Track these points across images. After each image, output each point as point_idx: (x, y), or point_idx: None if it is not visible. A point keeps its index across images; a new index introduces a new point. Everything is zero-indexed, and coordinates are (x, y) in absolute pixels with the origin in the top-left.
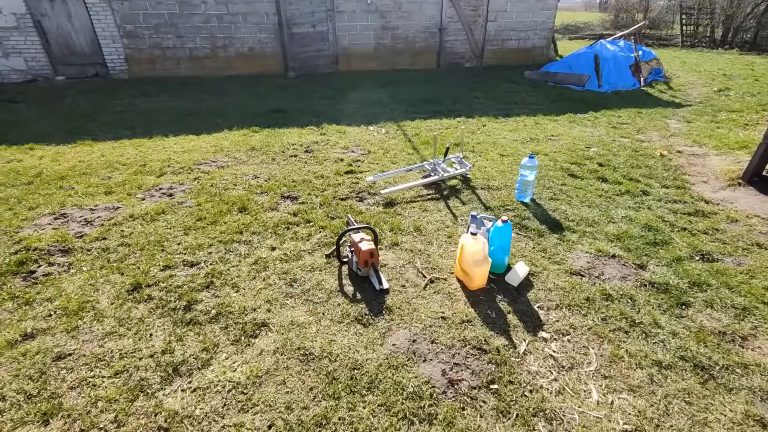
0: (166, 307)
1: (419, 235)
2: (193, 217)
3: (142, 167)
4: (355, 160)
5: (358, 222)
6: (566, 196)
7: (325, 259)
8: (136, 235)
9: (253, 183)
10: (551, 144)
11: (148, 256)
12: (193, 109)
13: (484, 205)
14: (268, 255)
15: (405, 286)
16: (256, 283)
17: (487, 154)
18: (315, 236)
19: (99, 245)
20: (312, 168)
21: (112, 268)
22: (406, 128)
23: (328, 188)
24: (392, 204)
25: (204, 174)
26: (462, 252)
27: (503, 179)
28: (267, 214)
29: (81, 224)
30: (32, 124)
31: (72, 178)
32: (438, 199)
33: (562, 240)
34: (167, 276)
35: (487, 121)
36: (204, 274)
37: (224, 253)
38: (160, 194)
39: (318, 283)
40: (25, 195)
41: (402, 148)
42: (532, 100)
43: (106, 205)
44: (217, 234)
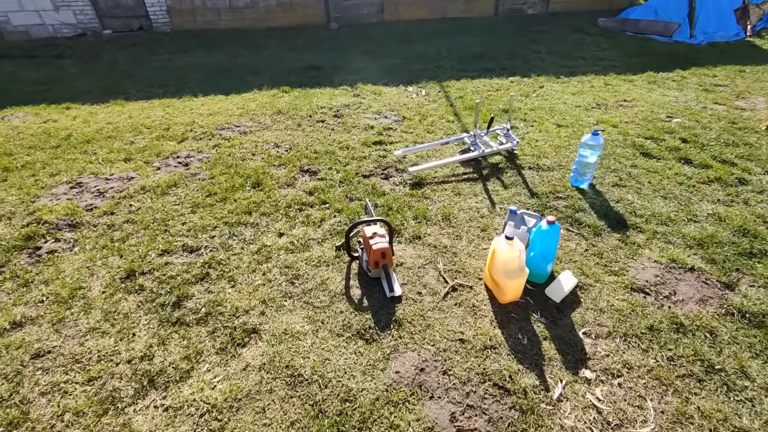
0: (155, 301)
1: (447, 227)
2: (203, 192)
3: (165, 131)
4: (387, 128)
5: (376, 210)
6: (635, 183)
7: (334, 252)
8: (143, 210)
9: (272, 153)
10: (622, 112)
11: (150, 237)
12: (227, 66)
13: (529, 190)
14: (274, 242)
15: (421, 293)
16: (255, 278)
17: (540, 123)
18: (328, 221)
19: (106, 221)
20: (338, 136)
21: (113, 249)
22: (450, 89)
23: (351, 162)
24: (421, 184)
25: (224, 141)
26: (493, 258)
27: (557, 157)
28: (281, 191)
29: (94, 195)
30: (74, 81)
31: (97, 142)
32: (475, 179)
33: (625, 242)
34: (163, 263)
35: (545, 81)
36: (201, 263)
37: (228, 238)
38: (177, 163)
39: (322, 282)
40: (50, 160)
41: (442, 114)
42: (603, 55)
43: (122, 175)
44: (224, 213)
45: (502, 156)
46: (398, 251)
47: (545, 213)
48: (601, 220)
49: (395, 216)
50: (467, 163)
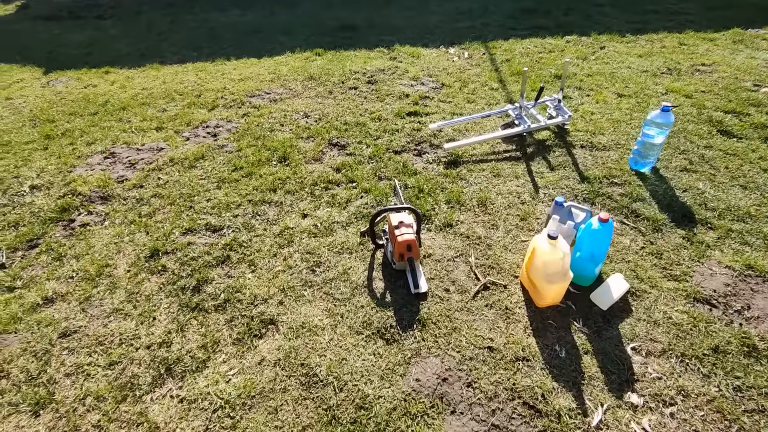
0: (176, 284)
1: (483, 213)
2: (229, 166)
3: (197, 98)
4: (423, 96)
5: (405, 192)
6: (709, 167)
7: (359, 238)
8: (170, 184)
9: (301, 123)
10: (699, 79)
11: (176, 213)
12: (261, 25)
13: (580, 173)
14: (297, 224)
15: (449, 290)
16: (276, 263)
17: (598, 92)
18: (355, 202)
19: (135, 194)
20: (371, 105)
21: (140, 225)
22: (496, 51)
23: (383, 135)
24: (456, 163)
25: (254, 109)
26: (533, 257)
27: (615, 134)
28: (308, 166)
29: (125, 166)
30: (114, 43)
31: (132, 109)
32: (518, 159)
33: (690, 240)
34: (186, 243)
35: (607, 40)
36: (223, 245)
37: (251, 217)
38: (205, 133)
39: (344, 272)
40: (88, 127)
41: (485, 80)
42: (680, 8)
43: (152, 145)
44: (249, 190)
45: (550, 131)
46: (427, 240)
47: (597, 204)
48: (663, 213)
49: (426, 199)
50: (510, 139)
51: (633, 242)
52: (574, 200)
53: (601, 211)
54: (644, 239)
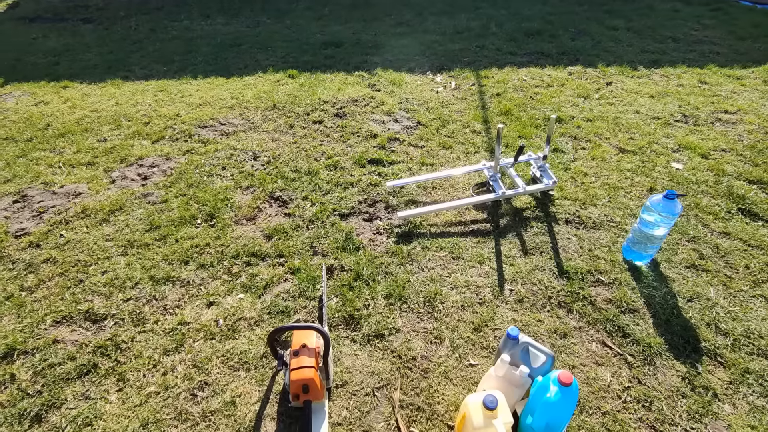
0: (17, 405)
1: (428, 317)
2: (145, 224)
3: (144, 126)
4: (393, 137)
5: (338, 277)
6: (725, 265)
7: (264, 347)
8: (71, 245)
9: (246, 168)
10: (720, 131)
11: (61, 289)
12: (241, 38)
13: (558, 264)
14: (197, 317)
15: None
16: (151, 379)
17: (596, 145)
18: (274, 288)
19: (27, 256)
20: (330, 147)
21: (15, 303)
22: (487, 82)
23: (334, 189)
24: (411, 236)
25: (200, 145)
26: (464, 422)
27: (611, 205)
28: (237, 229)
29: (32, 215)
30: (85, 52)
31: (71, 136)
32: (487, 233)
33: (691, 383)
34: (51, 340)
35: (616, 73)
36: (95, 345)
37: (146, 302)
38: (136, 175)
39: (232, 401)
40: (15, 158)
41: (468, 120)
42: (704, 36)
43: (71, 188)
44: (157, 260)
45: (531, 198)
46: (348, 355)
47: (574, 312)
48: (659, 334)
49: (361, 291)
50: (481, 207)
51: (615, 378)
52: (546, 303)
53: (562, 369)
54: (630, 374)
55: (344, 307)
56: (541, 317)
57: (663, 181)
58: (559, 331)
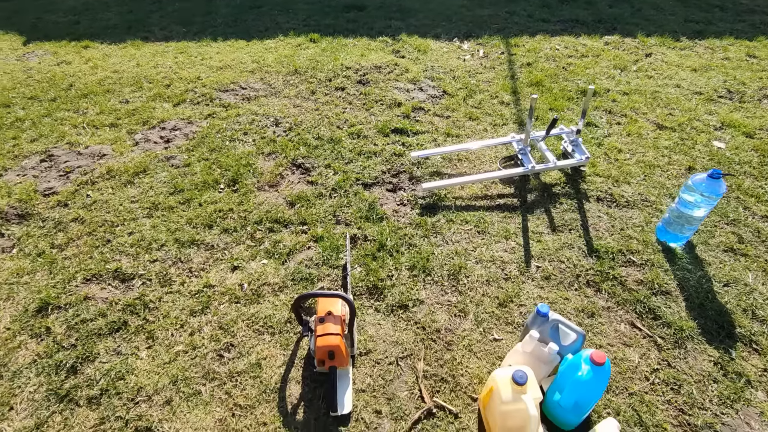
0: (53, 357)
1: (452, 291)
2: (169, 187)
3: (166, 88)
4: (418, 107)
5: (362, 247)
6: (766, 251)
7: (288, 313)
8: (97, 206)
9: (267, 133)
10: (767, 108)
11: (89, 248)
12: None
13: (588, 242)
14: (221, 281)
15: (381, 413)
16: (179, 338)
17: (632, 120)
18: (298, 255)
19: (56, 215)
20: (353, 115)
21: (47, 259)
22: (517, 51)
23: (356, 159)
24: (435, 208)
25: (221, 109)
26: (491, 398)
27: (646, 184)
28: (259, 195)
29: (59, 175)
30: (105, 11)
31: (94, 97)
32: (514, 209)
33: (724, 369)
34: (83, 297)
35: (657, 44)
36: (125, 304)
37: (171, 264)
38: (158, 137)
39: (257, 363)
40: (41, 118)
41: (496, 90)
42: (755, 4)
43: (95, 149)
44: (181, 224)
45: (561, 174)
46: (372, 325)
47: (603, 292)
48: (691, 318)
49: (385, 261)
50: (509, 181)
51: (643, 360)
52: (574, 281)
53: (594, 349)
54: (659, 357)
55: (368, 276)
56: (568, 295)
57: (703, 160)
58: (586, 310)
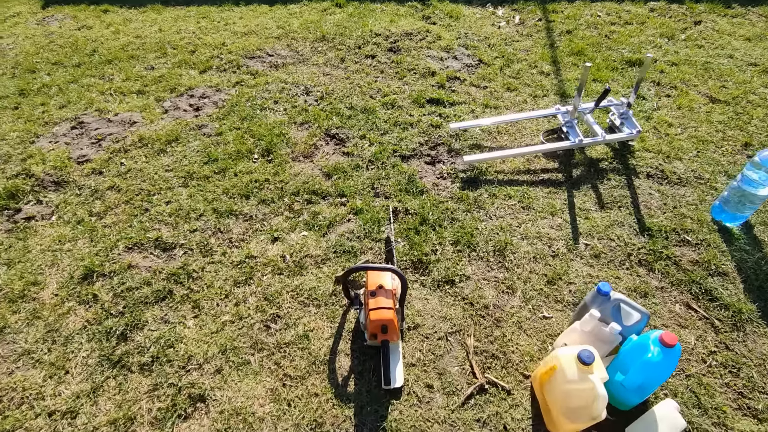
0: (102, 324)
1: (498, 267)
2: (203, 156)
3: (190, 55)
4: (453, 76)
5: (403, 221)
6: None
7: (332, 285)
8: (132, 174)
9: (299, 102)
10: None
11: (128, 216)
12: None
13: (639, 220)
14: (262, 252)
15: (432, 388)
16: (225, 308)
17: (682, 93)
18: (339, 228)
19: (92, 182)
20: (386, 84)
21: (87, 227)
22: (556, 18)
23: (392, 129)
24: (477, 182)
25: (249, 76)
26: (552, 376)
27: (699, 161)
28: (295, 165)
29: (91, 142)
30: None
31: (118, 63)
32: (559, 184)
33: None
34: (127, 265)
35: (706, 11)
36: (168, 273)
37: (211, 234)
38: (188, 105)
39: (305, 335)
40: (67, 84)
41: (535, 59)
42: None
43: (125, 116)
44: (218, 194)
45: (609, 147)
46: (418, 299)
47: (656, 272)
48: (750, 300)
49: (428, 235)
50: (553, 155)
51: (700, 342)
52: (625, 260)
53: (681, 332)
54: (717, 339)
55: (411, 251)
56: (620, 274)
57: (760, 136)
58: (639, 290)
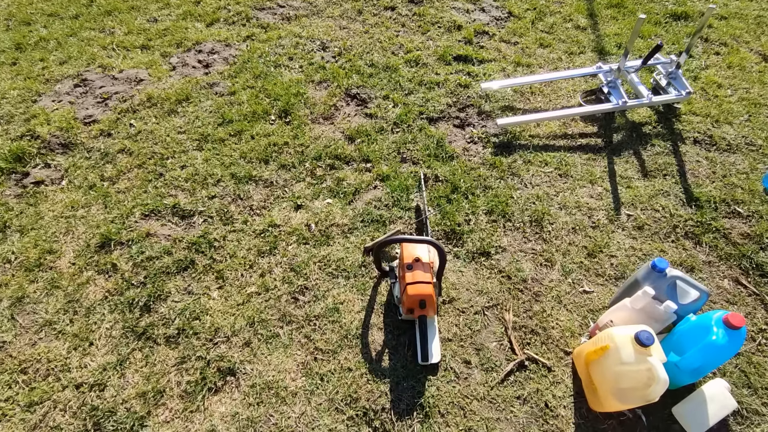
0: (124, 294)
1: (536, 238)
2: (216, 117)
3: (195, 5)
4: (481, 30)
5: (434, 188)
6: None
7: (361, 256)
8: (143, 136)
9: (315, 59)
10: None
11: (142, 181)
12: None
13: (686, 189)
14: (286, 220)
15: (470, 363)
16: (250, 279)
17: (733, 50)
18: (365, 195)
19: (101, 145)
20: (408, 39)
21: (99, 192)
22: None
23: (417, 89)
24: (510, 147)
25: (260, 30)
26: (603, 355)
27: (751, 125)
28: (314, 128)
29: (96, 102)
30: None
31: (119, 15)
32: (599, 150)
33: None
34: (145, 233)
35: None
36: (189, 242)
37: (231, 201)
38: (196, 62)
39: (335, 307)
40: (65, 38)
41: (570, 12)
42: None
43: (131, 73)
44: (235, 158)
45: (652, 110)
46: (453, 272)
47: (704, 245)
48: None
49: (460, 204)
50: (592, 119)
51: (749, 319)
52: (671, 232)
53: (729, 308)
54: (767, 317)
55: (443, 220)
56: (664, 247)
57: None
58: (685, 264)
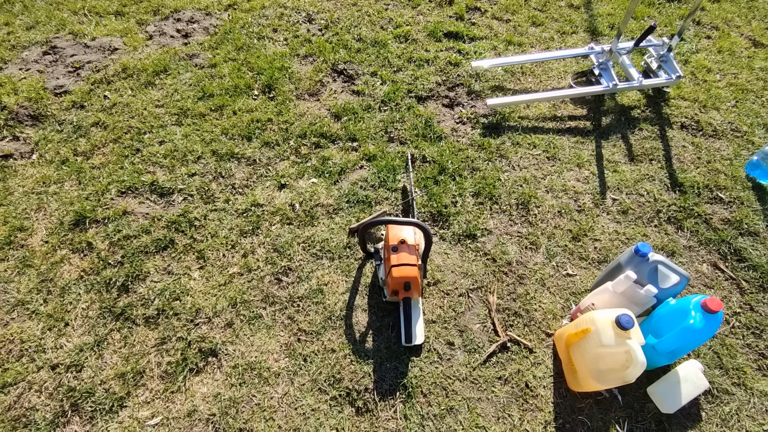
0: (100, 274)
1: (521, 221)
2: (196, 91)
3: None
4: (473, 6)
5: (422, 169)
6: None
7: (346, 237)
8: (118, 109)
9: (301, 31)
10: None
11: (118, 157)
12: None
13: (671, 174)
14: (270, 200)
15: (453, 345)
16: (232, 260)
17: (723, 35)
18: (350, 175)
19: (73, 117)
20: (398, 13)
21: (72, 168)
22: None
23: (406, 66)
24: (499, 128)
25: None
26: (584, 338)
27: (737, 111)
28: (299, 104)
29: (67, 71)
30: None
31: None
32: (587, 133)
33: None
34: (121, 211)
35: None
36: (168, 220)
37: (211, 179)
38: (174, 31)
39: (319, 289)
40: (32, 0)
41: None
42: None
43: (104, 41)
44: (216, 134)
45: (642, 94)
46: (438, 254)
47: (685, 230)
48: None
49: (447, 186)
50: (582, 101)
51: (724, 302)
52: (654, 217)
53: (707, 293)
54: (742, 300)
55: (430, 202)
56: (647, 232)
57: None
58: (666, 248)
